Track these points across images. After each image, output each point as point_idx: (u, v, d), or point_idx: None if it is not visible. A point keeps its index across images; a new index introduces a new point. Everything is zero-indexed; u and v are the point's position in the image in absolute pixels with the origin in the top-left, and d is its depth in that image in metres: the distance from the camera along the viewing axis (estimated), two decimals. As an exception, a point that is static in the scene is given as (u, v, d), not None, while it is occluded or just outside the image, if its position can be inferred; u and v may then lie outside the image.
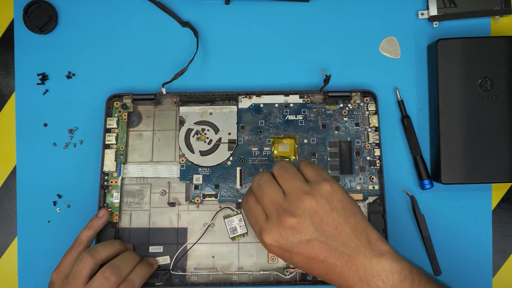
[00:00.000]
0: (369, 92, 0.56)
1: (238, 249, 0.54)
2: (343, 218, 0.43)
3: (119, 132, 0.56)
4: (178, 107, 0.57)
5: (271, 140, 0.56)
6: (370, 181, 0.55)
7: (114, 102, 0.57)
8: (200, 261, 0.54)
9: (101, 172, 0.55)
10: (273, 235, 0.43)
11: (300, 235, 0.42)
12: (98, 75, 0.59)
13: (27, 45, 0.59)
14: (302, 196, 0.43)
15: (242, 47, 0.59)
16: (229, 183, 0.55)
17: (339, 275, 0.43)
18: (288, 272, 0.53)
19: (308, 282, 0.53)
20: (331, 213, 0.43)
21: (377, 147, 0.56)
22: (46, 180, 0.58)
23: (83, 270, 0.48)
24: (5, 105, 0.59)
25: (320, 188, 0.44)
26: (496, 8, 0.57)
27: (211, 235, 0.55)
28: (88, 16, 0.59)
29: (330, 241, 0.42)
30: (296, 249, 0.42)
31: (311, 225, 0.42)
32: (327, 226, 0.42)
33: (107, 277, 0.48)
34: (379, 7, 0.59)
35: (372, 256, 0.42)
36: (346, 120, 0.56)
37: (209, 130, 0.56)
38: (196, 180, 0.55)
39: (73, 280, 0.48)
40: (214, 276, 0.53)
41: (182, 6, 0.59)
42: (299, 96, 0.57)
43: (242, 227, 0.54)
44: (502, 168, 0.54)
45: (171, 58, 0.58)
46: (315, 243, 0.42)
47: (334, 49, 0.59)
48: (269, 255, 0.54)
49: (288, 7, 0.59)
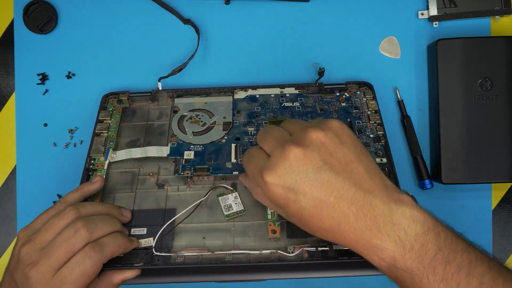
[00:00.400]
0: (365, 83, 0.56)
1: (233, 228, 0.46)
2: (354, 155, 0.37)
3: (112, 123, 0.54)
4: (173, 99, 0.56)
5: (268, 122, 0.53)
6: (377, 155, 0.50)
7: (109, 99, 0.57)
8: (189, 242, 0.45)
9: (87, 156, 0.51)
10: (276, 171, 0.36)
11: (307, 167, 0.36)
12: (98, 75, 0.59)
13: (27, 45, 0.59)
14: (307, 129, 0.37)
15: (242, 47, 0.59)
16: (223, 160, 0.49)
17: (353, 225, 0.36)
18: (292, 250, 0.44)
19: (315, 258, 0.43)
20: (341, 147, 0.37)
21: (380, 126, 0.53)
22: (46, 180, 0.58)
23: (61, 222, 0.42)
24: (5, 105, 0.59)
25: (328, 122, 0.38)
26: (496, 8, 0.57)
27: (203, 214, 0.47)
28: (88, 16, 0.59)
29: (341, 178, 0.36)
30: (302, 185, 0.36)
31: (318, 157, 0.36)
32: (337, 161, 0.36)
33: (76, 229, 0.41)
34: (379, 7, 0.59)
35: (390, 201, 0.36)
36: (344, 105, 0.55)
37: (204, 115, 0.53)
38: (188, 156, 0.50)
39: (45, 232, 0.42)
40: (204, 257, 0.44)
41: (182, 6, 0.59)
42: (295, 88, 0.56)
43: (238, 204, 0.47)
44: (502, 168, 0.54)
45: (171, 59, 0.58)
46: (324, 178, 0.36)
47: (334, 49, 0.59)
48: (269, 229, 0.45)
49: (288, 7, 0.59)
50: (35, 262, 0.40)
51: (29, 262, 0.40)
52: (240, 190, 0.48)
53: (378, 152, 0.51)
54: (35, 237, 0.42)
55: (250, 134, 0.52)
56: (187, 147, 0.51)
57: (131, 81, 0.58)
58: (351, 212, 0.36)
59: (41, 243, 0.41)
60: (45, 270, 0.40)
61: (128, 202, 0.49)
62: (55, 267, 0.40)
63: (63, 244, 0.40)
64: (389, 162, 0.50)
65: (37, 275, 0.40)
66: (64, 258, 0.40)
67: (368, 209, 0.35)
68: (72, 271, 0.40)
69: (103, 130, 0.53)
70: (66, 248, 0.40)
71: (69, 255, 0.40)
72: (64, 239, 0.41)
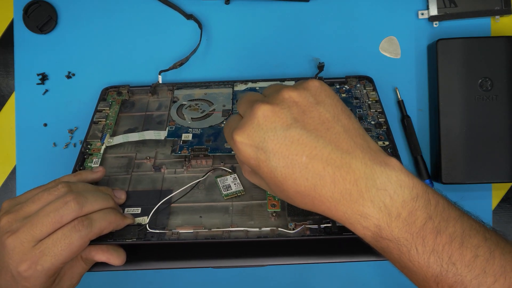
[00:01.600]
0: (366, 77, 0.56)
1: (232, 207, 0.44)
2: (331, 115, 0.34)
3: (110, 113, 0.54)
4: (173, 91, 0.56)
5: None
6: (379, 139, 0.49)
7: (109, 91, 0.57)
8: (185, 221, 0.43)
9: (84, 140, 0.51)
10: (245, 129, 0.34)
11: (275, 124, 0.33)
12: (98, 75, 0.58)
13: (27, 45, 0.59)
14: (281, 89, 0.35)
15: (242, 47, 0.59)
16: (222, 142, 0.48)
17: (331, 189, 0.33)
18: (293, 226, 0.41)
19: (318, 234, 0.40)
20: (316, 106, 0.34)
21: (381, 114, 0.52)
22: (46, 180, 0.58)
23: (50, 196, 0.39)
24: (5, 105, 0.59)
25: (305, 83, 0.35)
26: (496, 8, 0.57)
27: (200, 194, 0.46)
28: (89, 16, 0.59)
29: (313, 137, 0.33)
30: (271, 143, 0.33)
31: (289, 114, 0.34)
32: (310, 119, 0.34)
33: (66, 201, 0.38)
34: (379, 7, 0.59)
35: (374, 164, 0.33)
36: (345, 96, 0.54)
37: (203, 104, 0.53)
38: (186, 138, 0.49)
39: (31, 203, 0.39)
40: (200, 234, 0.42)
41: (182, 6, 0.59)
42: (295, 82, 0.56)
43: (237, 185, 0.46)
44: (502, 168, 0.54)
45: (172, 56, 0.58)
46: (294, 135, 0.33)
47: (334, 49, 0.59)
48: (269, 203, 0.44)
49: (288, 7, 0.59)
50: (14, 230, 0.38)
51: (8, 230, 0.38)
52: (240, 172, 0.47)
53: (380, 136, 0.49)
54: (20, 207, 0.39)
55: None
56: (185, 130, 0.50)
57: (132, 81, 0.58)
58: (327, 173, 0.32)
59: (25, 213, 0.39)
60: (25, 239, 0.37)
61: (123, 185, 0.47)
62: (37, 237, 0.37)
63: (49, 215, 0.38)
64: (391, 143, 0.48)
65: (15, 243, 0.37)
66: (49, 229, 0.38)
67: (347, 171, 0.32)
68: (56, 244, 0.37)
69: (101, 118, 0.53)
70: (53, 219, 0.38)
71: (55, 227, 0.38)
72: (52, 210, 0.38)
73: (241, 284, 0.58)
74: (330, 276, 0.58)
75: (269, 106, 0.34)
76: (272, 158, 0.33)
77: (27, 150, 0.58)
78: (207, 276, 0.58)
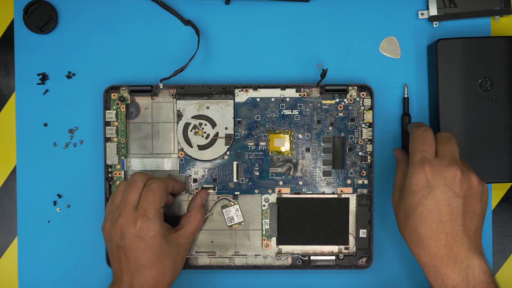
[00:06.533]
0: (366, 87, 0.56)
1: (235, 235, 0.57)
2: (479, 213, 0.47)
3: (119, 125, 0.56)
4: (175, 99, 0.57)
5: (267, 135, 0.57)
6: (361, 176, 0.56)
7: (111, 94, 0.57)
8: (200, 245, 0.57)
9: (105, 165, 0.56)
10: (435, 169, 0.46)
11: (454, 188, 0.45)
12: (98, 75, 0.59)
13: (27, 45, 0.59)
14: (473, 174, 0.47)
15: (242, 47, 0.59)
16: (227, 178, 0.57)
17: (438, 247, 0.45)
18: (280, 257, 0.56)
19: (297, 266, 0.56)
20: (479, 202, 0.47)
21: (370, 143, 0.56)
22: (46, 180, 0.58)
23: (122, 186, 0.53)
24: (5, 105, 0.59)
25: (484, 187, 0.48)
26: (496, 8, 0.57)
27: (210, 223, 0.57)
28: (89, 16, 0.59)
29: (461, 214, 0.45)
30: (440, 193, 0.45)
31: (465, 190, 0.46)
32: (470, 206, 0.46)
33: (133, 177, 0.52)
34: (379, 7, 0.59)
35: (475, 252, 0.45)
36: (341, 115, 0.57)
37: (206, 124, 0.57)
38: (195, 175, 0.57)
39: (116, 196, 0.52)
40: (213, 259, 0.57)
41: (182, 6, 0.59)
42: (295, 90, 0.57)
43: (238, 216, 0.57)
44: (502, 168, 0.54)
45: (171, 57, 0.58)
46: (454, 204, 0.45)
47: (334, 49, 0.59)
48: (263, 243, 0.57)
49: (288, 7, 0.59)
50: (118, 214, 0.49)
51: (114, 217, 0.50)
52: (241, 201, 0.57)
53: (362, 172, 0.56)
54: (111, 203, 0.52)
55: (250, 150, 0.57)
56: (193, 163, 0.57)
57: (132, 81, 0.58)
58: (444, 239, 0.45)
59: (116, 206, 0.51)
60: (128, 212, 0.49)
61: None
62: (133, 205, 0.49)
63: (129, 187, 0.50)
64: (369, 182, 0.56)
65: (123, 219, 0.49)
66: (136, 196, 0.50)
67: (456, 246, 0.45)
68: (146, 198, 0.49)
69: (112, 135, 0.56)
70: (133, 189, 0.50)
71: (139, 192, 0.50)
72: (127, 185, 0.51)
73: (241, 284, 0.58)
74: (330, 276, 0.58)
75: (461, 175, 0.46)
76: (429, 199, 0.45)
77: (27, 150, 0.58)
78: (207, 277, 0.58)
